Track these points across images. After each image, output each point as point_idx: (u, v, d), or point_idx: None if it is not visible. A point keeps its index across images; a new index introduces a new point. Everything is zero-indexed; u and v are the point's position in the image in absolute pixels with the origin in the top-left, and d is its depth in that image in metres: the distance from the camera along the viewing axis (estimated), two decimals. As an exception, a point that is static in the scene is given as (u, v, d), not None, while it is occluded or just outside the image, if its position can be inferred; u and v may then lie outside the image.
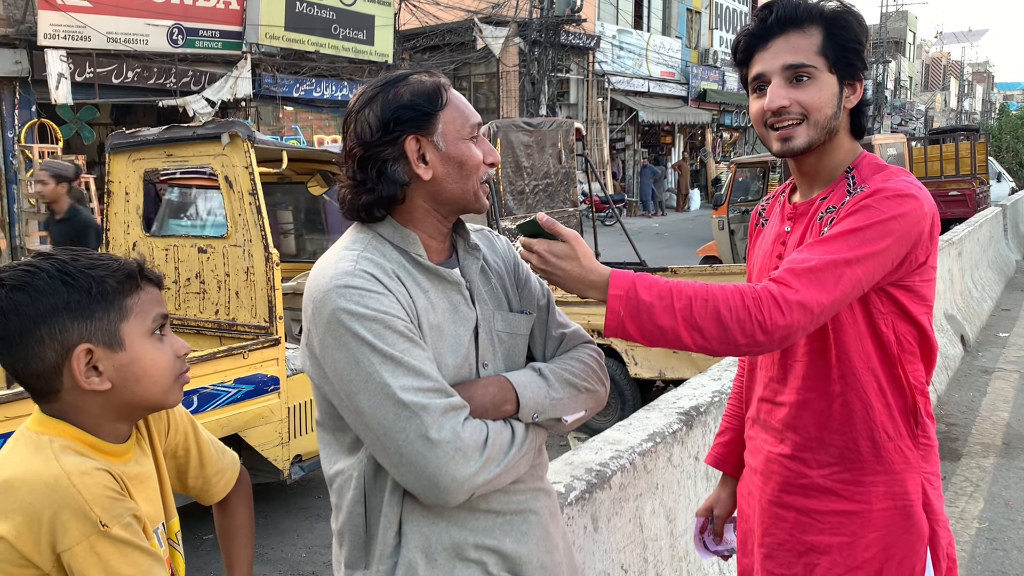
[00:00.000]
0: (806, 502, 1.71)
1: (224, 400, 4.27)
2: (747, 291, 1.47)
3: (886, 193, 1.55)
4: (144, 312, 1.32)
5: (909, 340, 1.64)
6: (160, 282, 1.38)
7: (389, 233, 1.47)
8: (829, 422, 1.68)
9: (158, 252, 5.10)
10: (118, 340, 1.29)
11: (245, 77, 16.44)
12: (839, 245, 1.51)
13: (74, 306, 1.25)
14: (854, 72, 1.65)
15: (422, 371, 1.34)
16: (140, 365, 1.31)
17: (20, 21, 13.78)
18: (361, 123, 1.44)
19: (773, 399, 1.77)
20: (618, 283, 1.47)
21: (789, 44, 1.62)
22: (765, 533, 1.79)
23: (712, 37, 33.03)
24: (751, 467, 1.87)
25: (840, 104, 1.64)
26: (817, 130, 1.63)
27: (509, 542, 1.47)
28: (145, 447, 1.41)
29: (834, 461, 1.68)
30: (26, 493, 1.19)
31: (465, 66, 23.32)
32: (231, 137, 4.53)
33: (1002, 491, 4.69)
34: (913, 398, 1.66)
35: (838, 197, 1.65)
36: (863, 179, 1.64)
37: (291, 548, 4.51)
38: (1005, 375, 7.07)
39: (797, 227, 1.72)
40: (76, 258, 1.29)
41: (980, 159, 16.78)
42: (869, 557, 1.65)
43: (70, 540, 1.18)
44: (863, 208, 1.54)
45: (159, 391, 1.34)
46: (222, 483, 1.57)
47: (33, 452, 1.24)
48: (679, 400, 3.11)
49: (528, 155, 7.42)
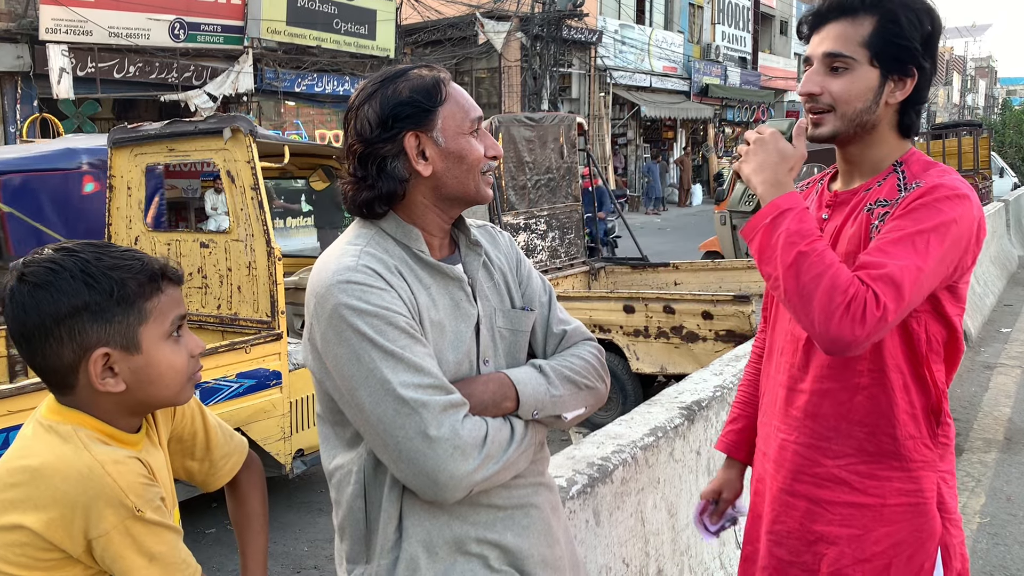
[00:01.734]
0: (818, 492, 1.71)
1: (226, 395, 4.27)
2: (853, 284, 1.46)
3: (945, 192, 1.53)
4: (163, 315, 1.32)
5: (937, 340, 1.63)
6: (181, 280, 1.38)
7: (392, 228, 1.47)
8: (850, 413, 1.66)
9: (160, 247, 5.11)
10: (135, 344, 1.29)
11: (247, 72, 16.42)
12: (909, 250, 1.49)
13: (94, 308, 1.25)
14: (902, 67, 1.61)
15: (422, 367, 1.34)
16: (156, 368, 1.31)
17: (22, 15, 13.77)
18: (361, 119, 1.44)
19: (793, 386, 1.75)
20: (788, 199, 1.55)
21: (836, 31, 1.62)
22: (775, 521, 1.78)
23: (714, 32, 32.94)
24: (763, 453, 1.85)
25: (878, 99, 1.62)
26: (844, 122, 1.63)
27: (510, 536, 1.47)
28: (153, 436, 1.43)
29: (851, 452, 1.67)
30: (60, 482, 1.20)
31: (467, 61, 23.29)
32: (233, 132, 4.53)
33: (1004, 486, 4.69)
34: (938, 397, 1.65)
35: (890, 191, 1.62)
36: (914, 175, 1.62)
37: (293, 542, 4.52)
38: (1007, 370, 7.06)
39: (837, 215, 1.71)
40: (100, 257, 1.28)
41: (983, 154, 16.73)
42: (878, 551, 1.65)
43: (106, 526, 1.20)
44: (923, 207, 1.53)
45: (172, 392, 1.35)
46: (228, 467, 1.57)
47: (60, 441, 1.24)
48: (681, 395, 3.12)
49: (530, 150, 7.42)
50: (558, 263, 7.74)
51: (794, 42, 39.58)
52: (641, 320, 6.02)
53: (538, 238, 7.51)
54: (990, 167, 17.29)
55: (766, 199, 1.58)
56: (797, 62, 39.49)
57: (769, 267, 1.55)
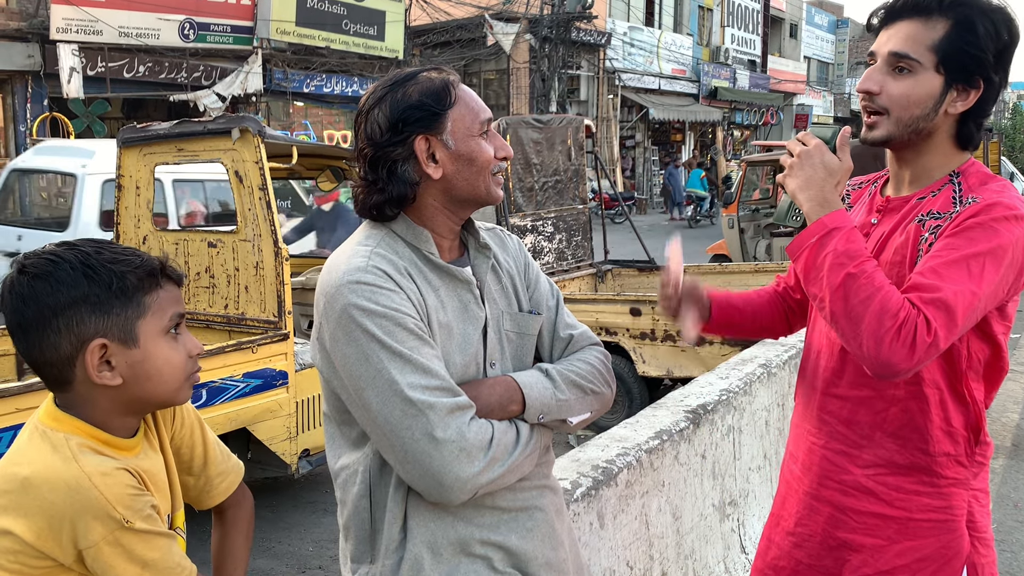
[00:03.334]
0: (843, 499, 1.68)
1: (233, 394, 4.28)
2: (904, 307, 1.41)
3: (1003, 212, 1.47)
4: (162, 311, 1.32)
5: (978, 357, 1.59)
6: (180, 280, 1.38)
7: (402, 230, 1.48)
8: (884, 424, 1.63)
9: (168, 246, 5.12)
10: (133, 337, 1.29)
11: (256, 72, 16.48)
12: (963, 273, 1.43)
13: (93, 299, 1.25)
14: (969, 77, 1.54)
15: (430, 369, 1.35)
16: (153, 363, 1.31)
17: (32, 15, 13.85)
18: (371, 123, 1.45)
19: (827, 390, 1.71)
20: (835, 217, 1.50)
21: (906, 31, 1.55)
22: (798, 523, 1.77)
23: (724, 35, 32.88)
24: (793, 455, 1.83)
25: (939, 107, 1.55)
26: (899, 127, 1.57)
27: (514, 538, 1.47)
28: (153, 440, 1.42)
29: (881, 463, 1.64)
30: (47, 493, 1.19)
31: (475, 62, 23.30)
32: (241, 132, 4.54)
33: (1011, 492, 4.67)
34: (977, 415, 1.60)
35: (944, 204, 1.56)
36: (971, 188, 1.55)
37: (299, 542, 4.53)
38: (1015, 376, 7.03)
39: (887, 221, 1.65)
40: (100, 251, 1.29)
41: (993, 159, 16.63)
42: (901, 564, 1.62)
43: (94, 537, 1.20)
44: (980, 227, 1.47)
45: (169, 389, 1.34)
46: (224, 485, 1.55)
47: (51, 450, 1.24)
48: (686, 398, 3.11)
49: (538, 152, 7.41)
50: (565, 265, 7.74)
51: (803, 45, 39.51)
52: (648, 323, 6.01)
53: (545, 240, 7.51)
54: (1000, 172, 17.21)
55: (812, 217, 1.52)
56: (806, 66, 39.42)
57: (815, 288, 1.50)
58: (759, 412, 3.48)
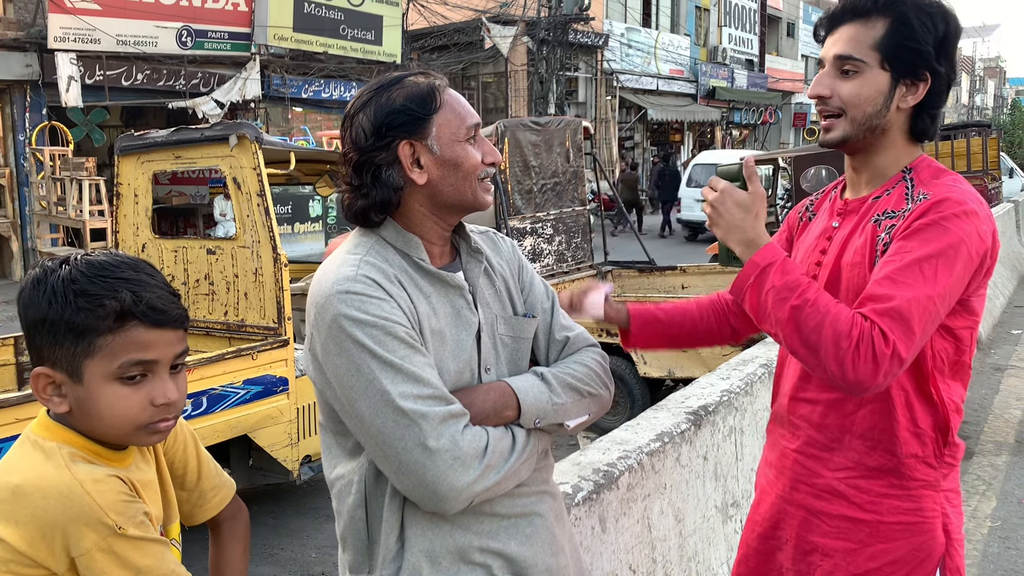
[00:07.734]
0: (815, 502, 1.69)
1: (233, 401, 4.28)
2: (856, 324, 1.42)
3: (952, 209, 1.49)
4: (113, 355, 1.24)
5: (943, 357, 1.59)
6: (163, 323, 1.27)
7: (392, 237, 1.47)
8: (853, 426, 1.64)
9: (167, 254, 5.12)
10: (78, 374, 1.25)
11: (254, 78, 16.48)
12: (917, 277, 1.44)
13: (49, 328, 1.25)
14: (914, 71, 1.57)
15: (422, 378, 1.34)
16: (95, 405, 1.26)
17: (30, 24, 13.86)
18: (356, 128, 1.44)
19: (798, 394, 1.73)
20: (764, 254, 1.54)
21: (848, 34, 1.60)
22: (775, 527, 1.78)
23: (721, 35, 32.90)
24: (767, 460, 1.85)
25: (889, 103, 1.59)
26: (855, 126, 1.60)
27: (514, 545, 1.46)
28: (146, 453, 1.41)
29: (851, 466, 1.65)
30: (39, 500, 1.19)
31: (473, 66, 23.31)
32: (239, 138, 4.54)
33: (1015, 489, 4.65)
34: (945, 416, 1.60)
35: (897, 201, 1.59)
36: (922, 182, 1.59)
37: (301, 548, 4.52)
38: (1018, 372, 7.02)
39: (846, 224, 1.67)
40: (87, 273, 1.25)
41: (992, 155, 16.63)
42: (874, 568, 1.63)
43: (87, 544, 1.19)
44: (932, 225, 1.48)
45: (114, 434, 1.29)
46: (217, 499, 1.53)
47: (43, 458, 1.24)
48: (687, 400, 3.10)
49: (536, 154, 7.40)
50: (564, 267, 7.73)
51: (801, 44, 39.52)
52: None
53: (544, 242, 7.50)
54: (999, 168, 17.19)
55: (744, 258, 1.57)
56: (804, 64, 39.41)
57: (767, 326, 1.53)
58: (761, 412, 3.46)
